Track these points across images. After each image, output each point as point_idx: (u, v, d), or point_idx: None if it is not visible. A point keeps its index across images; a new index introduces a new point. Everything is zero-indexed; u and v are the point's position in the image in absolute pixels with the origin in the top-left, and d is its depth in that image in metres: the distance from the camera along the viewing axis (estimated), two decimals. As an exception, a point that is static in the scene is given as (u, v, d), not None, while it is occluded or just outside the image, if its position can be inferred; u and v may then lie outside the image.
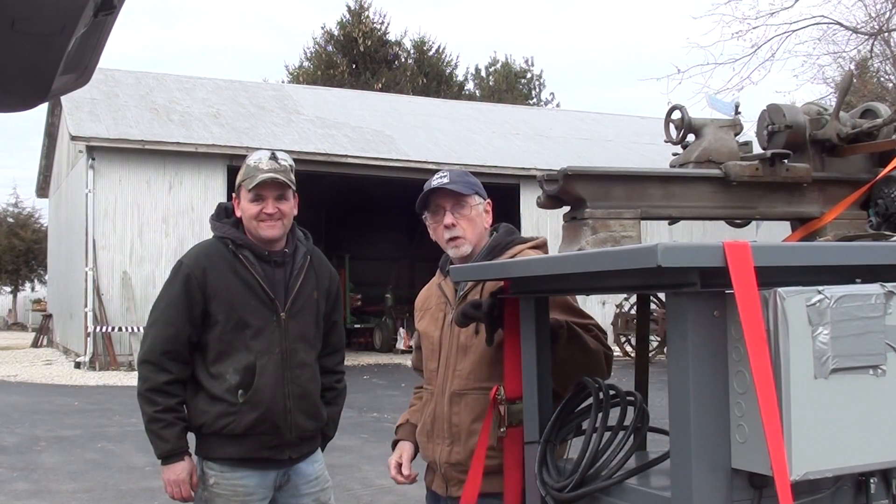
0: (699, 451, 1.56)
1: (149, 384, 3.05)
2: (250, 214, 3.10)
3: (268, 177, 3.05)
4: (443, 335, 2.72)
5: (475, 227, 2.70)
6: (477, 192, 2.73)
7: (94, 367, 17.41)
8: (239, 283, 3.08)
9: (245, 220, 3.13)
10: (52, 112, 23.36)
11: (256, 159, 3.13)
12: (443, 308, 2.76)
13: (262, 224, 3.09)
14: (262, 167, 3.09)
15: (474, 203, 2.71)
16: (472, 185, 2.72)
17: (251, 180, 3.07)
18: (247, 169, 3.12)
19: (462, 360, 2.65)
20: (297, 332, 3.14)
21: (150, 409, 3.04)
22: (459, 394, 2.63)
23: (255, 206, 3.08)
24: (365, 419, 10.35)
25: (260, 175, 3.06)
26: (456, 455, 2.61)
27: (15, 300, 44.76)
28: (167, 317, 3.08)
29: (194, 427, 3.10)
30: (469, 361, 2.63)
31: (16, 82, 1.44)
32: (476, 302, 2.35)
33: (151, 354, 3.06)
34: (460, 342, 2.65)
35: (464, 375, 2.63)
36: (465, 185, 2.70)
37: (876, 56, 20.31)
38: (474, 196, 2.72)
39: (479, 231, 2.72)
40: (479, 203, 2.73)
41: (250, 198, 3.08)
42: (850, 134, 2.26)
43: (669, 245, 1.46)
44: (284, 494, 3.17)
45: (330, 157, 19.51)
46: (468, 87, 44.23)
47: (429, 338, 2.77)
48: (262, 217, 3.08)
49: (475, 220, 2.70)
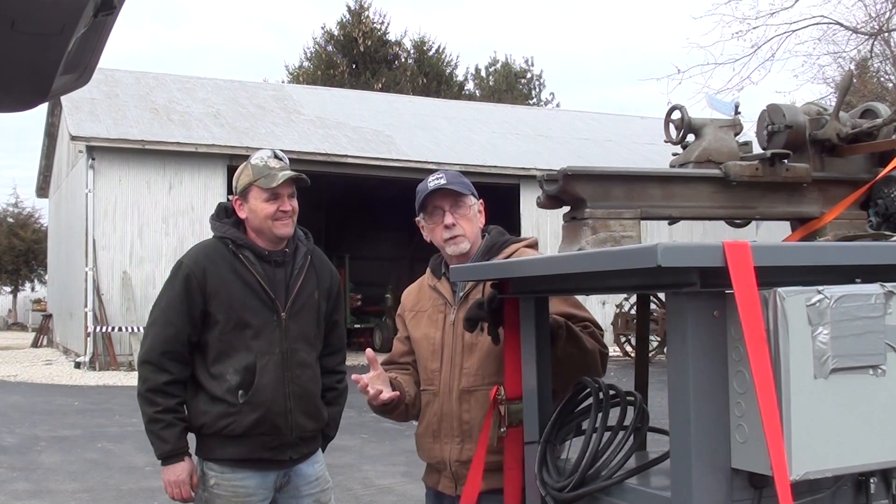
0: (699, 451, 1.56)
1: (148, 384, 3.04)
2: (266, 214, 3.08)
3: (290, 174, 3.08)
4: (444, 335, 2.73)
5: (472, 226, 2.76)
6: (472, 192, 2.79)
7: (94, 367, 17.41)
8: (239, 283, 3.07)
9: (258, 221, 3.11)
10: (52, 112, 23.35)
11: (262, 159, 3.12)
12: (442, 309, 2.77)
13: (277, 223, 3.09)
14: (272, 166, 3.09)
15: (471, 203, 2.77)
16: (467, 186, 2.78)
17: (269, 179, 3.07)
18: (256, 169, 3.10)
19: (469, 358, 2.66)
20: (297, 332, 3.13)
21: (150, 410, 3.03)
22: (469, 391, 2.64)
23: (272, 205, 3.08)
24: (365, 419, 10.34)
25: (279, 174, 3.07)
26: (467, 452, 2.61)
27: (15, 300, 44.77)
28: (167, 317, 3.07)
29: (194, 427, 3.09)
30: (476, 358, 2.64)
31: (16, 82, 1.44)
32: (479, 301, 2.35)
33: (151, 355, 3.06)
34: (465, 341, 2.66)
35: (472, 372, 2.64)
36: (461, 185, 2.75)
37: (876, 56, 20.32)
38: (470, 196, 2.77)
39: (475, 230, 2.77)
40: (475, 203, 2.79)
41: (266, 197, 3.07)
42: (850, 134, 2.26)
43: (669, 245, 1.46)
44: (285, 495, 3.17)
45: (330, 157, 19.51)
46: (468, 87, 44.24)
47: (429, 339, 2.77)
48: (279, 215, 3.09)
49: (472, 220, 2.76)
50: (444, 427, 2.69)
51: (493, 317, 2.30)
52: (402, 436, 9.60)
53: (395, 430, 9.97)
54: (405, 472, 7.78)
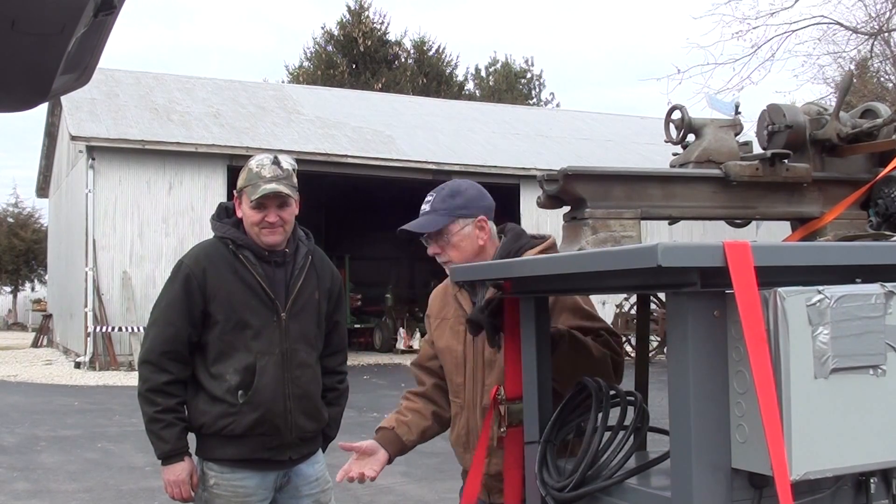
0: (699, 451, 1.56)
1: (149, 384, 3.04)
2: (252, 221, 3.09)
3: (270, 190, 3.03)
4: (466, 349, 2.70)
5: (462, 250, 2.65)
6: (460, 215, 2.65)
7: (94, 367, 17.41)
8: (239, 283, 3.07)
9: (246, 225, 3.12)
10: (52, 112, 23.35)
11: (259, 164, 3.09)
12: (462, 321, 2.70)
13: (263, 231, 3.09)
14: (264, 174, 3.05)
15: (456, 229, 2.64)
16: (452, 211, 2.64)
17: (253, 189, 3.05)
18: (249, 175, 3.09)
19: (489, 375, 2.63)
20: (297, 332, 3.13)
21: (150, 410, 3.03)
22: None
23: (258, 214, 3.07)
24: (365, 419, 10.34)
25: (262, 186, 3.03)
26: (494, 467, 2.57)
27: (15, 300, 44.77)
28: (167, 316, 3.07)
29: (194, 427, 3.09)
30: (496, 375, 2.60)
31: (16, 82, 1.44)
32: (480, 306, 2.33)
33: (151, 355, 3.06)
34: (485, 357, 2.64)
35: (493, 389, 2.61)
36: (443, 213, 2.64)
37: (876, 56, 20.30)
38: (456, 221, 2.64)
39: (469, 251, 2.66)
40: (465, 226, 2.65)
41: (252, 205, 3.07)
42: (850, 134, 2.25)
43: (669, 245, 1.46)
44: (285, 496, 3.17)
45: (330, 157, 19.51)
46: (468, 87, 44.24)
47: (452, 352, 2.74)
48: (264, 225, 3.08)
49: (460, 245, 2.65)
50: (471, 440, 2.67)
51: (490, 321, 2.28)
52: (402, 436, 9.59)
53: (395, 430, 9.97)
54: (405, 472, 7.78)
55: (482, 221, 2.69)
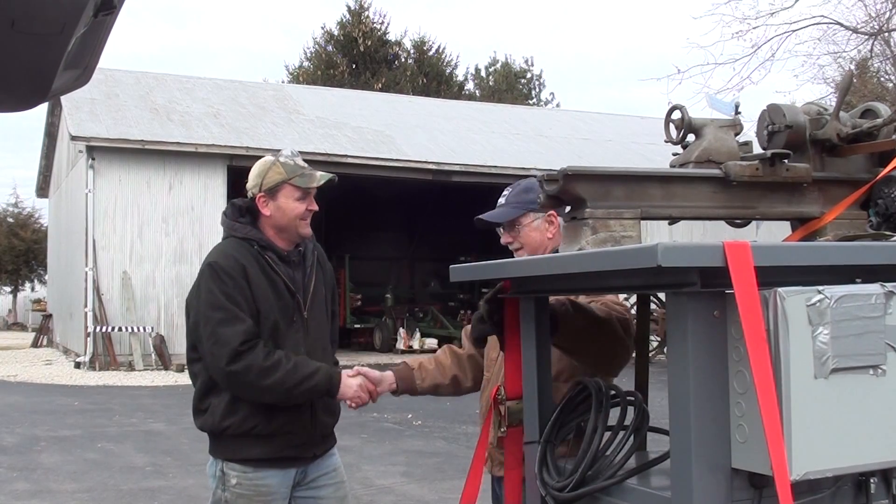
0: (699, 451, 1.56)
1: (260, 377, 2.89)
2: (297, 213, 3.07)
3: (329, 175, 3.13)
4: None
5: (531, 240, 2.87)
6: (532, 209, 2.84)
7: (94, 367, 17.41)
8: (269, 284, 3.05)
9: (285, 220, 3.07)
10: (52, 112, 23.35)
11: (290, 157, 3.13)
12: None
13: (303, 223, 3.10)
14: (302, 164, 3.13)
15: (527, 221, 2.87)
16: (525, 205, 2.85)
17: (306, 178, 3.08)
18: (289, 168, 3.08)
19: None
20: (316, 330, 3.16)
21: (283, 385, 2.89)
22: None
23: (302, 205, 3.09)
24: (365, 419, 10.34)
25: (317, 174, 3.11)
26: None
27: (15, 300, 44.75)
28: (232, 313, 2.94)
29: (219, 428, 3.02)
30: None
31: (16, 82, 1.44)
32: (479, 316, 2.35)
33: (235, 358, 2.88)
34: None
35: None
36: (517, 206, 2.86)
37: (876, 56, 20.30)
38: (528, 214, 2.87)
39: (538, 242, 2.87)
40: (535, 219, 2.87)
41: (299, 195, 3.07)
42: (850, 134, 2.25)
43: (669, 245, 1.46)
44: (301, 490, 3.17)
45: (330, 157, 19.50)
46: (468, 87, 44.24)
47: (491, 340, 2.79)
48: (306, 215, 3.10)
49: (531, 235, 2.88)
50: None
51: (497, 328, 2.31)
52: (402, 436, 9.61)
53: (395, 431, 9.97)
54: (405, 472, 7.78)
55: (552, 216, 2.88)
